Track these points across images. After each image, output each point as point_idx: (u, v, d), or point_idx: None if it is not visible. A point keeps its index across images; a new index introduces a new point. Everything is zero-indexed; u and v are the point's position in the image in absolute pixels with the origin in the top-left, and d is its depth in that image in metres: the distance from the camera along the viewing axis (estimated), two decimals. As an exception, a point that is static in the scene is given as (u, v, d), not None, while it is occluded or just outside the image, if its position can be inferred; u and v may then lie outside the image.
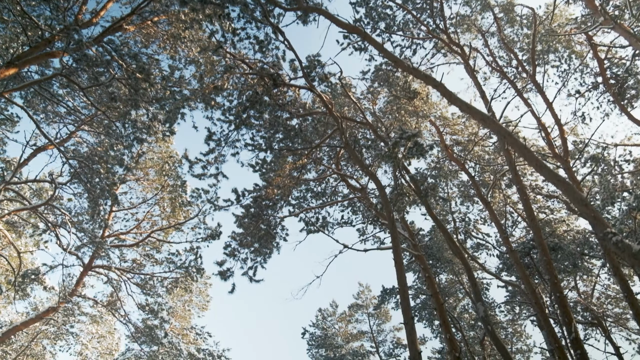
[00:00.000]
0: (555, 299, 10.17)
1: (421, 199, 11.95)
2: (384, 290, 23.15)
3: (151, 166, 20.30)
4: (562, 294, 10.14)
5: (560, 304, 9.90)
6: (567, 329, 9.59)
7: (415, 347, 8.55)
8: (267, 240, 13.44)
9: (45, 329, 27.37)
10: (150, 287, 20.27)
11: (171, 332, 27.68)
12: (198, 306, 30.49)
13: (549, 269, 10.72)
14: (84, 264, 18.58)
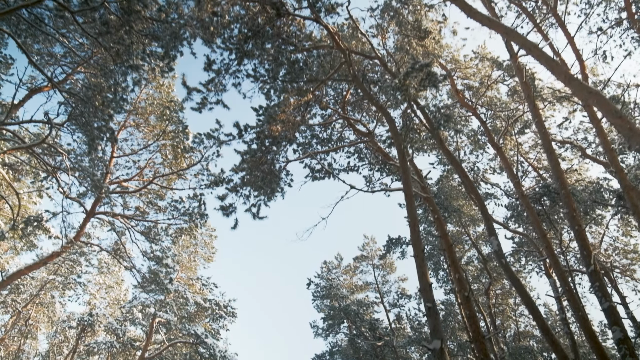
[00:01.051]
0: (575, 232, 9.78)
1: (433, 132, 11.38)
2: (389, 239, 22.97)
3: (151, 111, 19.71)
4: (580, 226, 9.75)
5: (579, 236, 9.52)
6: (586, 262, 9.24)
7: (425, 279, 8.25)
8: (271, 180, 13.01)
9: (53, 278, 27.67)
10: (155, 234, 20.12)
11: (177, 281, 27.92)
12: (204, 257, 30.64)
13: (569, 201, 10.28)
14: (86, 210, 18.31)
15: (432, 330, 7.63)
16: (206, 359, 24.61)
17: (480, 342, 10.38)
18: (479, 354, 10.24)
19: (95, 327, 29.64)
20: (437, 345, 7.34)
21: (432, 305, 7.93)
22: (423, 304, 8.21)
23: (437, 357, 7.28)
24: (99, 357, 33.52)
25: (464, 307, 10.89)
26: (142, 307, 25.99)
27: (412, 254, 8.83)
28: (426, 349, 7.62)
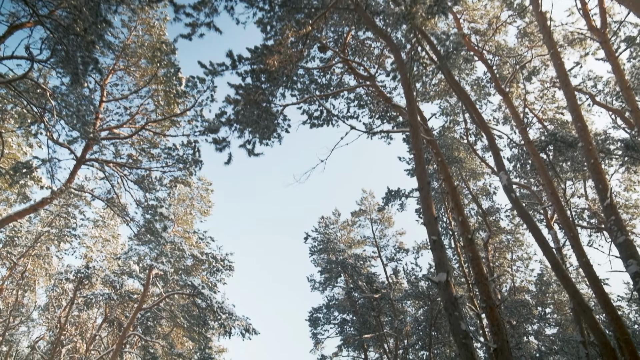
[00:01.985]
0: (590, 166, 9.28)
1: (441, 63, 10.66)
2: (388, 191, 22.56)
3: (141, 54, 18.76)
4: (596, 160, 9.26)
5: (595, 170, 9.02)
6: (602, 196, 8.80)
7: (430, 212, 7.79)
8: (267, 119, 12.35)
9: (47, 230, 27.37)
10: (148, 183, 19.60)
11: (174, 234, 27.69)
12: (200, 211, 30.32)
13: (585, 135, 9.72)
14: (76, 156, 17.69)
15: (438, 264, 7.24)
16: (203, 309, 24.67)
17: (483, 284, 10.07)
18: (482, 295, 9.93)
19: (93, 279, 29.63)
20: (442, 277, 6.95)
21: (438, 238, 7.51)
22: (428, 237, 7.79)
23: (443, 290, 6.91)
24: (97, 310, 33.84)
25: (467, 249, 10.53)
26: (138, 258, 25.84)
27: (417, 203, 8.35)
28: (431, 282, 7.23)
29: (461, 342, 6.30)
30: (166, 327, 33.10)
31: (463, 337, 6.34)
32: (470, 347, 6.26)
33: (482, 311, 9.78)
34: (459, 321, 6.50)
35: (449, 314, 6.69)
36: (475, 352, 6.27)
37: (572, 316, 17.15)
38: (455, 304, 6.71)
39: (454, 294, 6.88)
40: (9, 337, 37.35)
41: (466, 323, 6.87)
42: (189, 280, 23.71)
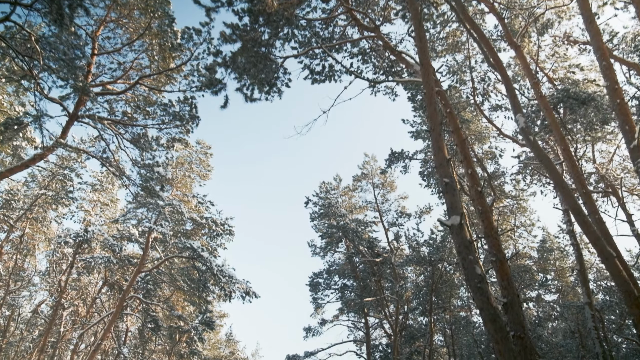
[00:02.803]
0: (615, 106, 8.64)
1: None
2: (392, 153, 21.95)
3: (134, 4, 17.79)
4: (622, 100, 8.63)
5: (621, 111, 8.40)
6: (628, 138, 8.20)
7: (442, 154, 7.22)
8: (266, 66, 11.63)
9: (44, 193, 26.93)
10: (145, 142, 18.99)
11: (172, 197, 27.26)
12: (199, 175, 29.82)
13: (610, 74, 9.04)
14: (68, 112, 17.01)
15: (450, 207, 6.72)
16: (203, 272, 24.48)
17: (493, 237, 9.60)
18: (491, 249, 9.47)
19: (92, 244, 29.43)
20: (456, 220, 6.46)
21: (450, 180, 6.97)
22: (439, 180, 7.26)
23: (456, 234, 6.42)
24: (98, 275, 33.80)
25: (477, 202, 10.02)
26: (137, 221, 25.49)
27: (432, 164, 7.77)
28: (444, 226, 6.75)
29: (476, 287, 5.86)
30: (167, 291, 33.15)
31: (478, 281, 5.89)
32: (486, 292, 5.83)
33: (492, 265, 9.33)
34: (473, 265, 6.03)
35: (463, 258, 6.22)
36: (491, 296, 5.84)
37: (578, 278, 16.84)
38: (470, 248, 6.24)
39: (468, 237, 6.40)
40: (11, 302, 37.54)
41: (481, 267, 6.41)
42: (188, 243, 23.41)
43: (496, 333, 5.51)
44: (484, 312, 5.73)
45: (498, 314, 5.66)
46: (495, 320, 5.58)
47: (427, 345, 28.25)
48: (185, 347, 33.32)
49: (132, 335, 35.68)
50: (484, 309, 5.71)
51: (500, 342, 5.45)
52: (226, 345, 41.05)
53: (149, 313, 27.19)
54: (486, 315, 5.66)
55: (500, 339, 5.47)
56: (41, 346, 27.75)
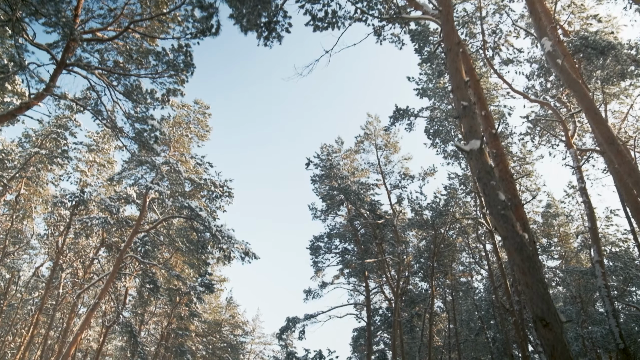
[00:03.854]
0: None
1: None
2: (396, 110, 21.07)
3: (124, -57, 16.60)
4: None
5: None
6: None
7: (460, 76, 6.44)
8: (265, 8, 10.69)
9: (37, 151, 26.22)
10: (138, 94, 18.12)
11: (170, 157, 26.54)
12: (197, 135, 29.01)
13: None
14: (56, 60, 16.07)
15: (469, 131, 6.00)
16: (201, 232, 24.01)
17: (509, 181, 8.92)
18: (506, 193, 8.78)
19: (89, 205, 28.93)
20: (475, 145, 5.74)
21: (468, 103, 6.21)
22: (455, 104, 6.50)
23: (475, 159, 5.72)
24: (96, 238, 33.45)
25: (491, 145, 9.28)
26: (133, 181, 24.83)
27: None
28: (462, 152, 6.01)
29: (500, 214, 5.20)
30: (166, 254, 32.87)
31: (502, 207, 5.22)
32: (511, 219, 5.17)
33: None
34: (496, 191, 5.35)
35: (484, 184, 5.54)
36: (516, 224, 5.18)
37: (589, 236, 16.24)
38: (491, 173, 5.55)
39: (489, 162, 5.70)
40: (11, 264, 37.42)
41: (504, 192, 5.74)
42: (186, 202, 22.82)
43: (523, 263, 4.88)
44: (508, 241, 5.09)
45: (525, 242, 5.02)
46: (522, 250, 4.94)
47: (428, 309, 28.10)
48: (185, 309, 33.30)
49: (133, 299, 35.67)
50: (509, 237, 5.07)
51: (528, 273, 4.83)
52: (227, 309, 41.17)
53: (147, 274, 26.90)
54: (511, 244, 5.03)
55: (527, 270, 4.85)
56: (40, 307, 27.60)
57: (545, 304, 4.65)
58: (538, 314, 4.60)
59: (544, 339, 4.53)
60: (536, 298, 4.68)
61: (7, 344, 39.27)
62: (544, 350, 4.55)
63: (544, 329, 4.52)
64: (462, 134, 20.58)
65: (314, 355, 27.98)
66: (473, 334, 34.46)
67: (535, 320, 4.64)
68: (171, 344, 32.87)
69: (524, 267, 4.86)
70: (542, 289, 4.74)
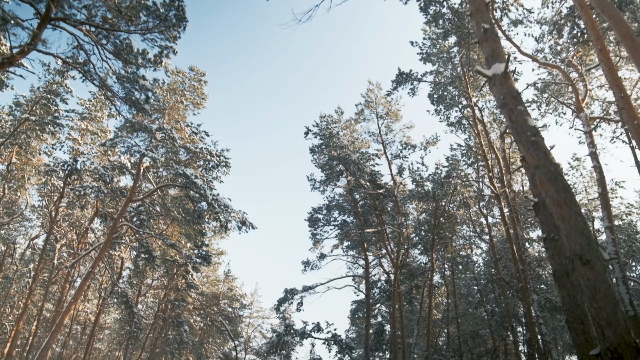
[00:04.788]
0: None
1: None
2: (399, 73, 20.20)
3: None
4: None
5: None
6: None
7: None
8: None
9: (27, 117, 25.37)
10: (128, 53, 17.22)
11: (164, 124, 25.73)
12: (192, 102, 28.12)
13: None
14: (40, 14, 15.13)
15: (491, 55, 5.29)
16: (197, 200, 23.40)
17: (523, 131, 8.17)
18: (521, 144, 8.04)
19: (83, 175, 28.23)
20: (499, 69, 5.05)
21: (490, 26, 5.48)
22: (475, 29, 5.77)
23: (499, 84, 5.03)
24: (91, 208, 32.85)
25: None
26: (127, 148, 24.05)
27: None
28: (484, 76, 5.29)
29: (530, 141, 4.56)
30: (162, 225, 32.36)
31: (532, 134, 4.57)
32: (543, 146, 4.53)
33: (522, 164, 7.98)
34: (525, 116, 4.69)
35: (510, 111, 4.87)
36: (549, 152, 4.53)
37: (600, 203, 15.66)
38: (518, 98, 4.87)
39: (515, 86, 5.02)
40: (5, 236, 36.92)
41: (533, 119, 5.09)
42: (181, 170, 22.13)
43: (558, 194, 4.26)
44: (540, 170, 4.45)
45: (559, 171, 4.38)
46: (557, 179, 4.31)
47: (428, 281, 27.76)
48: (182, 281, 32.99)
49: (129, 271, 35.34)
50: (541, 165, 4.43)
51: (564, 205, 4.22)
52: (224, 282, 40.96)
53: (142, 243, 26.40)
54: (544, 173, 4.39)
55: (563, 202, 4.23)
56: (34, 277, 27.20)
57: (585, 238, 4.04)
58: (576, 250, 4.00)
59: (583, 279, 3.93)
60: (574, 233, 4.07)
61: (5, 316, 39.13)
62: (583, 290, 3.95)
63: (584, 267, 3.92)
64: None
65: (312, 327, 27.76)
66: (472, 307, 34.34)
67: (572, 259, 4.04)
68: (168, 315, 32.66)
69: (560, 198, 4.23)
70: (581, 222, 4.12)
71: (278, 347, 29.07)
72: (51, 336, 20.22)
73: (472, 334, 32.04)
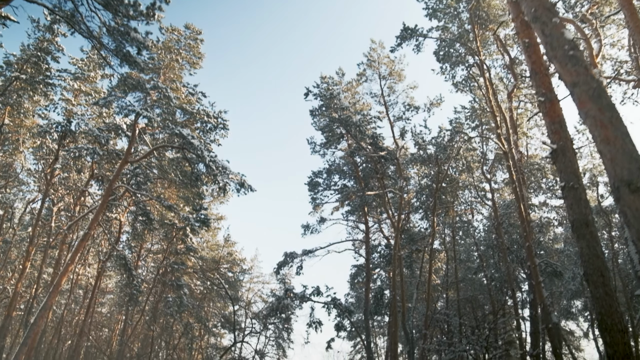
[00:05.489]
0: None
1: None
2: (404, 28, 19.28)
3: None
4: None
5: None
6: None
7: None
8: None
9: (17, 75, 24.52)
10: (118, 4, 16.28)
11: (160, 83, 24.89)
12: (189, 62, 27.17)
13: None
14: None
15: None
16: (194, 162, 22.86)
17: (543, 74, 7.57)
18: (539, 88, 7.46)
19: (78, 136, 27.57)
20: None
21: None
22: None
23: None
24: (87, 171, 32.35)
25: (522, 35, 7.86)
26: (120, 108, 23.29)
27: None
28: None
29: (567, 56, 3.81)
30: (159, 189, 31.96)
31: (569, 48, 3.88)
32: (582, 60, 3.96)
33: (540, 108, 7.41)
34: (560, 30, 3.97)
35: (543, 24, 4.12)
36: (589, 65, 3.96)
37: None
38: (552, 10, 4.23)
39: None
40: (3, 200, 36.57)
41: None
42: (177, 129, 21.48)
43: (601, 113, 3.68)
44: (579, 88, 3.88)
45: (602, 88, 3.82)
46: (600, 96, 3.74)
47: (429, 245, 27.55)
48: (181, 245, 32.85)
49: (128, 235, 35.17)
50: (581, 82, 3.86)
51: (609, 125, 3.71)
52: (224, 246, 40.91)
53: (139, 206, 26.04)
54: (585, 90, 3.86)
55: (608, 121, 3.70)
56: (31, 239, 26.96)
57: (635, 162, 3.53)
58: (623, 176, 3.50)
59: (630, 210, 3.46)
60: (621, 156, 3.57)
61: (6, 280, 39.28)
62: (628, 225, 3.47)
63: (633, 195, 3.43)
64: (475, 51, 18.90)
65: (312, 291, 27.75)
66: (471, 272, 34.37)
67: (617, 187, 3.55)
68: (168, 279, 32.67)
69: (603, 118, 3.70)
70: (629, 144, 3.60)
71: (278, 310, 29.14)
72: (49, 297, 20.07)
73: (470, 299, 32.16)
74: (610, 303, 6.15)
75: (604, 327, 6.19)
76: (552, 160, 7.50)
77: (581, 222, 6.51)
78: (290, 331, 37.84)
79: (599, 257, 6.47)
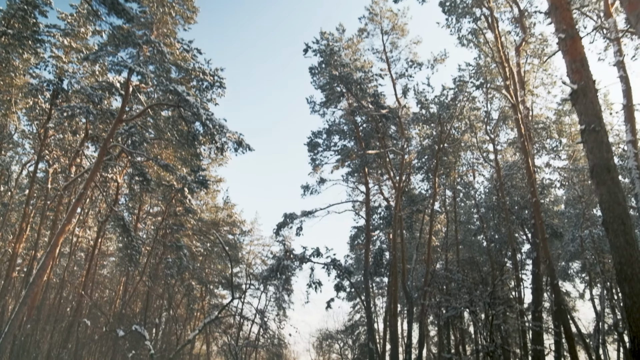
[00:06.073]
0: None
1: None
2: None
3: None
4: None
5: None
6: None
7: None
8: None
9: (3, 30, 23.49)
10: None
11: (153, 37, 23.90)
12: (182, 16, 25.98)
13: None
14: None
15: None
16: (190, 120, 22.25)
17: (564, 9, 6.94)
18: (559, 24, 6.87)
19: (70, 96, 26.78)
20: None
21: None
22: None
23: None
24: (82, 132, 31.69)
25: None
26: (113, 64, 22.42)
27: None
28: None
29: None
30: (156, 150, 31.40)
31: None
32: None
33: (560, 45, 6.86)
34: None
35: None
36: None
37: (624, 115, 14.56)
38: None
39: None
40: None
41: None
42: (172, 86, 20.74)
43: None
44: None
45: None
46: None
47: (429, 206, 27.27)
48: (180, 207, 32.60)
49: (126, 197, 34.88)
50: None
51: None
52: (223, 208, 40.75)
53: (136, 167, 25.57)
54: None
55: None
56: (27, 200, 26.64)
57: None
58: None
59: None
60: None
61: (7, 242, 39.29)
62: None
63: None
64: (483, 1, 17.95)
65: (312, 252, 27.66)
66: (471, 234, 34.35)
67: None
68: (168, 240, 32.62)
69: None
70: None
71: (278, 271, 29.16)
72: (47, 256, 19.91)
73: (470, 260, 32.24)
74: (631, 252, 5.79)
75: (623, 277, 5.85)
76: (572, 102, 7.00)
77: (602, 167, 6.08)
78: (290, 292, 38.19)
79: (620, 204, 6.07)
